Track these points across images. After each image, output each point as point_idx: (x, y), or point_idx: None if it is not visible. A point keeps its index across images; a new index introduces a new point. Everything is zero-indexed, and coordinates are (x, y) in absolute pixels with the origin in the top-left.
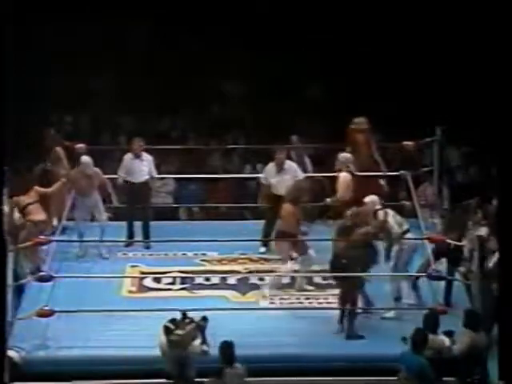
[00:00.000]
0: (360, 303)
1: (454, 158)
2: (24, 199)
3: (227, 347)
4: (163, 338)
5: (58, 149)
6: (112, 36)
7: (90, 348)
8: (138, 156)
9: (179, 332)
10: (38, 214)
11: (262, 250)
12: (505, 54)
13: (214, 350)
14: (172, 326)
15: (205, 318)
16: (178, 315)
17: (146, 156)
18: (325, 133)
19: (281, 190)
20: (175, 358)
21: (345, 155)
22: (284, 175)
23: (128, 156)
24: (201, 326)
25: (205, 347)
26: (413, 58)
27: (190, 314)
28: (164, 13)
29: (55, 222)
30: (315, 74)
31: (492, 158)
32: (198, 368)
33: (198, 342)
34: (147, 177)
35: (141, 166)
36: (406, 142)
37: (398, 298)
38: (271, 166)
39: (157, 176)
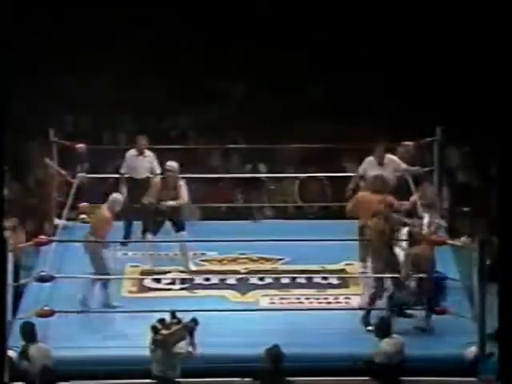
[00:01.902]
0: None
1: (453, 158)
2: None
3: (25, 326)
4: (150, 338)
5: (46, 160)
6: (112, 36)
7: (89, 348)
8: (141, 153)
9: (164, 332)
10: None
11: None
12: (505, 54)
13: (213, 350)
14: (159, 326)
15: (194, 320)
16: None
17: (148, 153)
18: (325, 133)
19: None
20: (160, 358)
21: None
22: (384, 170)
23: (131, 153)
24: (189, 328)
25: (190, 349)
26: (413, 58)
27: (190, 314)
28: (165, 12)
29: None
30: (315, 74)
31: (492, 158)
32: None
33: (184, 343)
34: (149, 173)
35: (143, 163)
36: (405, 142)
37: None
38: (370, 161)
39: (159, 173)
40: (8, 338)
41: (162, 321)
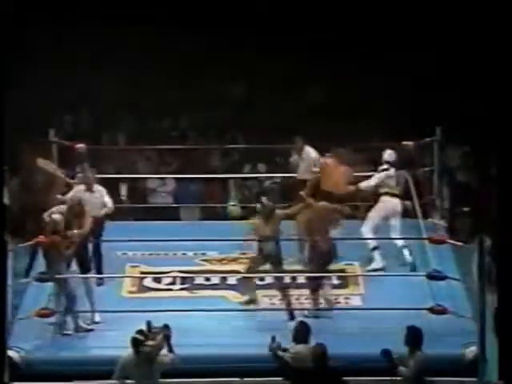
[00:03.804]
0: None
1: (454, 158)
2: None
3: None
4: (131, 351)
5: (40, 160)
6: (112, 36)
7: (90, 348)
8: (89, 189)
9: (150, 343)
10: None
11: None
12: (504, 55)
13: (213, 350)
14: (142, 338)
15: (167, 326)
16: (177, 316)
17: (98, 188)
18: (325, 133)
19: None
20: (144, 371)
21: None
22: (301, 161)
23: (79, 188)
24: (167, 336)
25: (171, 355)
26: (413, 57)
27: (190, 315)
28: (165, 12)
29: None
30: (316, 75)
31: (492, 158)
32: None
33: (164, 351)
34: (100, 210)
35: (92, 199)
36: (405, 142)
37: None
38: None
39: (111, 208)
40: (8, 338)
41: (141, 332)
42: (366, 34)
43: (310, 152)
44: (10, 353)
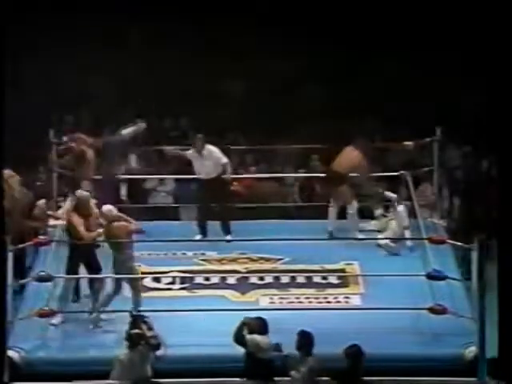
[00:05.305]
0: None
1: (453, 158)
2: None
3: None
4: (127, 350)
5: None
6: (112, 35)
7: (90, 348)
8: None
9: (152, 333)
10: None
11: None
12: (504, 54)
13: (213, 350)
14: (141, 331)
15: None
16: (177, 316)
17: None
18: (325, 133)
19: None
20: (145, 365)
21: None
22: (205, 160)
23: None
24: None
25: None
26: (412, 57)
27: (190, 315)
28: (165, 11)
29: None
30: (316, 74)
31: (492, 158)
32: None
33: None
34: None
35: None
36: (405, 142)
37: None
38: (191, 153)
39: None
40: (8, 338)
41: (136, 326)
42: (366, 33)
43: (213, 149)
44: (10, 353)
